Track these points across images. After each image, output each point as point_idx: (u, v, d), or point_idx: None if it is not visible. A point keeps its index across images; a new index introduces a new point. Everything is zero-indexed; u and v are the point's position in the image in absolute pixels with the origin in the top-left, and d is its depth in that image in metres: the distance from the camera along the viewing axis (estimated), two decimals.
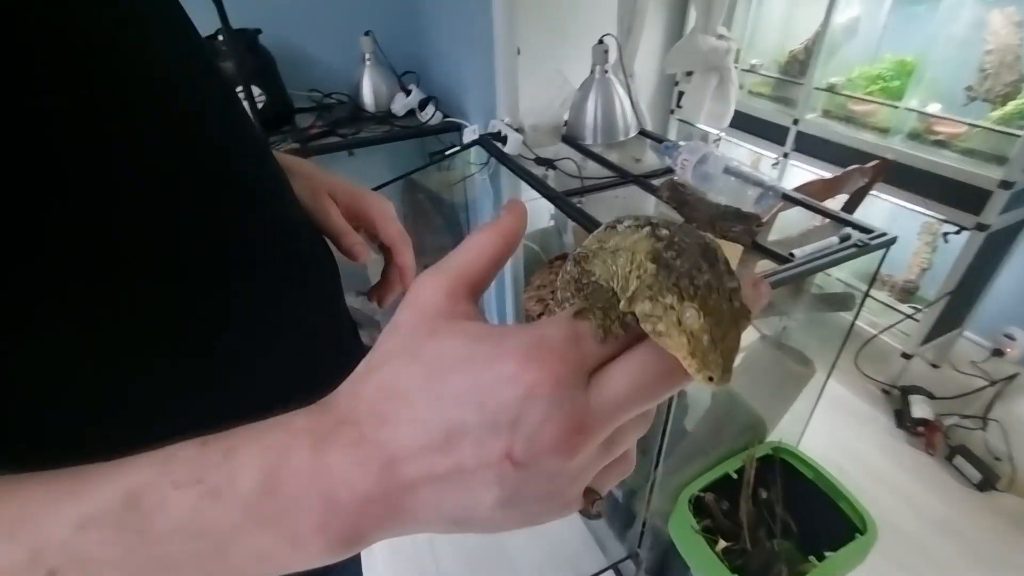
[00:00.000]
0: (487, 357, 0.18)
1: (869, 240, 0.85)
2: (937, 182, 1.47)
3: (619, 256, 0.19)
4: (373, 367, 0.20)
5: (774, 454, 1.08)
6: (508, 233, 0.22)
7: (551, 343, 0.18)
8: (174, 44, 0.29)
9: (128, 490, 0.17)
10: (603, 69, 1.28)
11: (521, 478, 0.18)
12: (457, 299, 0.21)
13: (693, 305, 0.17)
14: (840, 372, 1.77)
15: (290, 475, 0.18)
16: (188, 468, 0.18)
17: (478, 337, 0.19)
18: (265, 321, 0.33)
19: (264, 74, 1.45)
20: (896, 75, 1.64)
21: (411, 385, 0.18)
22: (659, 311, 0.17)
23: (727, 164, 1.02)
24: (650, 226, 0.19)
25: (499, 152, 1.30)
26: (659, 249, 0.18)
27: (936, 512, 1.39)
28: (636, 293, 0.18)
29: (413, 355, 0.19)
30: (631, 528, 1.20)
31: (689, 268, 0.17)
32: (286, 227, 0.36)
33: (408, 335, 0.20)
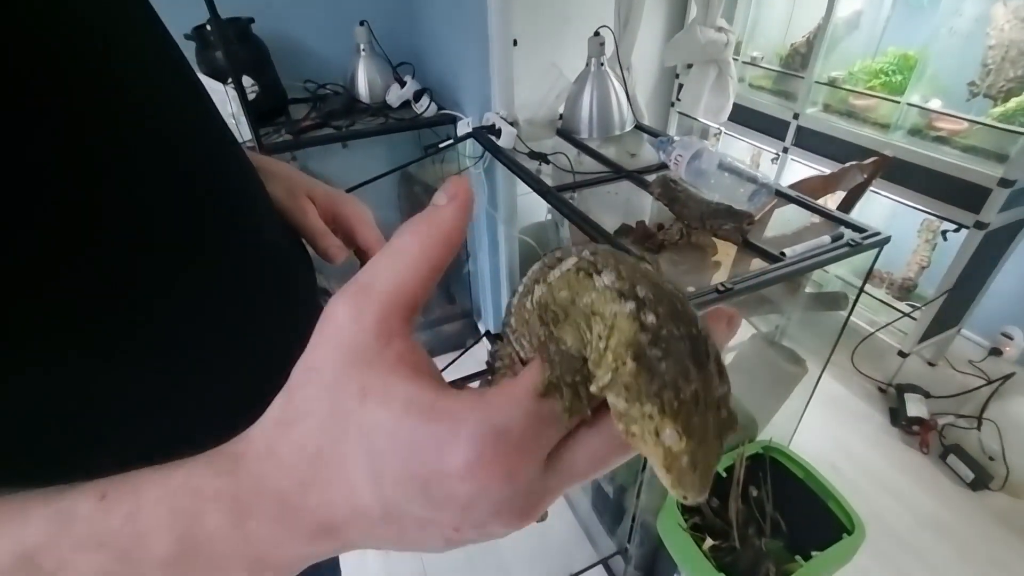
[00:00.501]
0: (435, 446, 0.16)
1: (862, 239, 0.84)
2: (937, 179, 1.45)
3: (595, 323, 0.17)
4: (289, 420, 0.17)
5: (764, 453, 1.08)
6: (450, 233, 0.18)
7: (510, 437, 0.16)
8: (139, 44, 0.28)
9: (23, 551, 0.16)
10: (599, 62, 1.26)
11: (462, 538, 0.18)
12: (390, 336, 0.17)
13: (676, 426, 0.15)
14: (836, 369, 1.76)
15: (209, 540, 0.17)
16: (88, 529, 0.17)
17: (420, 415, 0.16)
18: (239, 323, 0.32)
19: (257, 64, 1.43)
20: (898, 69, 1.62)
21: (342, 454, 0.17)
22: (635, 414, 0.15)
23: (721, 160, 1.01)
24: (635, 301, 0.16)
25: (493, 145, 1.29)
26: (643, 344, 0.15)
27: (928, 511, 1.39)
28: (610, 384, 0.16)
29: (340, 421, 0.17)
30: (621, 524, 1.20)
31: (675, 376, 0.15)
32: (258, 227, 0.35)
33: (332, 388, 0.17)
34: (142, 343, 0.25)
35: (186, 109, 0.31)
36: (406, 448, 0.16)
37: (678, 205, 0.91)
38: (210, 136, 0.33)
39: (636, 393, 0.15)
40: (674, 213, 0.92)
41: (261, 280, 0.35)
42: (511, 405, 0.16)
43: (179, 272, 0.28)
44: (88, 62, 0.22)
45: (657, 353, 0.15)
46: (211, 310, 0.31)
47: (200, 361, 0.29)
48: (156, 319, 0.26)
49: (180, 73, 0.31)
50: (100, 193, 0.22)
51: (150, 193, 0.26)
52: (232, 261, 0.32)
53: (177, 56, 0.31)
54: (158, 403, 0.27)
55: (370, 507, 0.17)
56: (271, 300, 0.36)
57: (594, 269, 0.17)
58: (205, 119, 0.33)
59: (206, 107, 0.33)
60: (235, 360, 0.32)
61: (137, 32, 0.29)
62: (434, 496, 0.16)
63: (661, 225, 0.90)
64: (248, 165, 0.37)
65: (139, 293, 0.26)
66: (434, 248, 0.18)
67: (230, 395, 0.30)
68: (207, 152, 0.32)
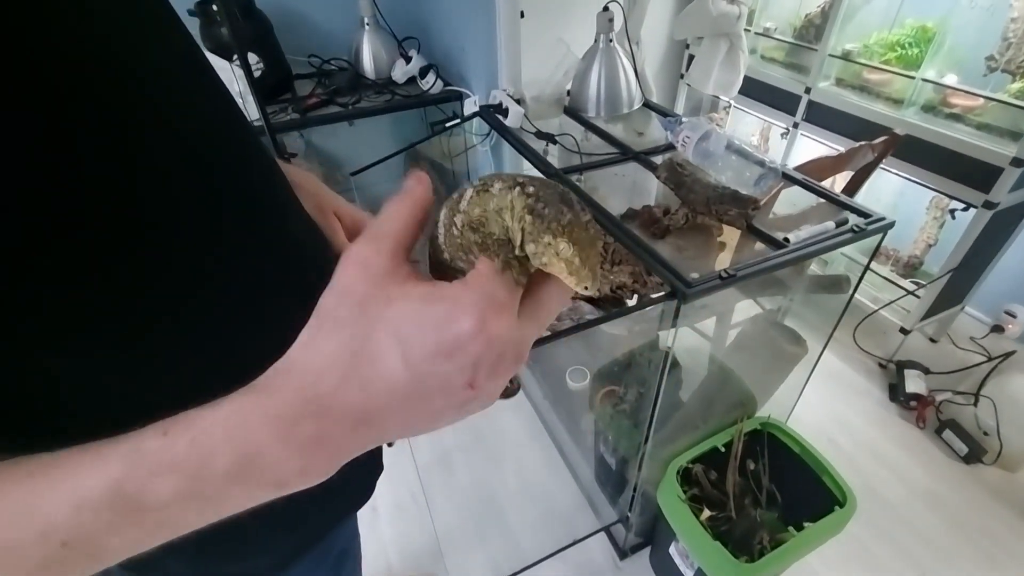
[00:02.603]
0: (449, 319, 0.22)
1: (866, 225, 0.85)
2: (948, 157, 1.44)
3: (503, 214, 0.24)
4: (323, 337, 0.22)
5: (762, 428, 1.11)
6: (422, 201, 0.25)
7: (495, 301, 0.23)
8: (176, 62, 0.30)
9: (108, 482, 0.20)
10: (607, 38, 1.24)
11: (475, 395, 0.23)
12: (399, 261, 0.23)
13: (564, 240, 0.22)
14: (838, 346, 1.79)
15: (260, 452, 0.21)
16: (159, 458, 0.20)
17: (433, 299, 0.22)
18: (274, 328, 0.34)
19: (261, 40, 1.42)
20: (915, 42, 1.58)
21: (375, 350, 0.21)
22: (542, 248, 0.23)
23: (729, 142, 1.00)
24: (519, 186, 0.23)
25: (500, 125, 1.28)
26: (531, 204, 0.23)
27: (921, 483, 1.43)
28: (523, 239, 0.23)
29: (372, 323, 0.22)
30: (623, 494, 1.25)
31: (555, 213, 0.22)
32: (292, 236, 0.37)
33: (362, 302, 0.22)
34: (165, 333, 0.28)
35: (203, 102, 0.32)
36: (428, 326, 0.22)
37: (684, 190, 0.91)
38: (258, 155, 0.35)
39: (537, 233, 0.23)
40: (680, 197, 0.93)
41: (283, 272, 0.37)
42: (489, 282, 0.23)
43: (199, 264, 0.31)
44: (109, 64, 0.24)
45: (540, 205, 0.23)
46: (230, 302, 0.33)
47: (219, 351, 0.31)
48: (176, 311, 0.28)
49: (195, 66, 0.32)
50: (133, 192, 0.25)
51: (174, 188, 0.28)
52: (254, 254, 0.35)
53: (189, 44, 0.32)
54: (176, 392, 0.30)
55: (403, 384, 0.22)
56: (291, 292, 0.38)
57: (487, 186, 0.24)
58: (249, 140, 0.35)
59: (245, 125, 0.35)
60: (254, 350, 0.34)
61: (151, 24, 0.31)
62: (454, 357, 0.22)
63: (667, 209, 0.91)
64: (270, 160, 0.38)
65: (161, 285, 0.28)
66: (416, 209, 0.25)
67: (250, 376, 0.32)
68: (226, 146, 0.33)
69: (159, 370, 0.28)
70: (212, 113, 0.32)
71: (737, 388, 1.15)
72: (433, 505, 1.43)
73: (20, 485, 0.19)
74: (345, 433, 0.22)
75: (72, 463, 0.20)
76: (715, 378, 1.21)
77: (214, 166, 0.31)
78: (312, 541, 0.47)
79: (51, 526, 0.19)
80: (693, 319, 1.21)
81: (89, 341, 0.25)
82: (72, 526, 0.19)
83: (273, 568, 0.45)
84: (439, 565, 1.31)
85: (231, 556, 0.41)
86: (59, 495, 0.19)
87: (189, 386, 0.29)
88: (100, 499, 0.19)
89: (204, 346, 0.30)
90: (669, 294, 0.79)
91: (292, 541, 0.45)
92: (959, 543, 1.30)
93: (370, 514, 1.42)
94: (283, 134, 1.43)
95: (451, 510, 1.42)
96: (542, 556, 1.30)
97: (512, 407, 1.70)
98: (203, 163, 0.29)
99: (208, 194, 0.29)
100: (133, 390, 0.28)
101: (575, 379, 1.55)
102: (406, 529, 1.38)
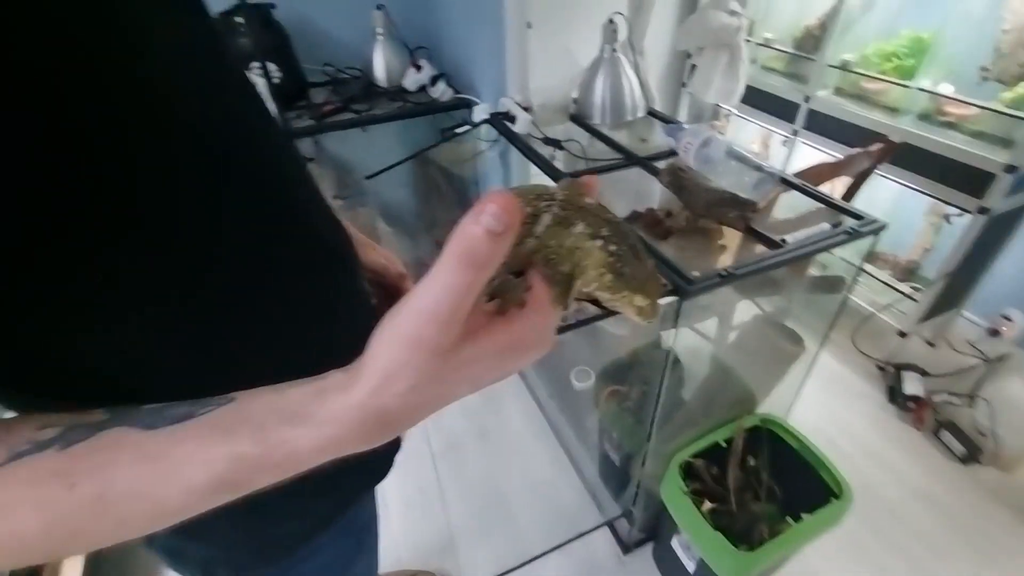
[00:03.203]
0: (515, 356, 0.26)
1: (859, 227, 0.89)
2: (943, 164, 1.48)
3: (575, 254, 0.27)
4: (405, 390, 0.23)
5: (762, 425, 1.15)
6: (492, 267, 0.21)
7: (551, 330, 0.27)
8: (221, 80, 0.34)
9: (214, 477, 0.24)
10: (612, 48, 1.29)
11: None
12: (458, 333, 0.23)
13: (642, 295, 0.27)
14: (838, 348, 1.82)
15: (345, 455, 0.25)
16: (259, 463, 0.24)
17: (504, 349, 0.25)
18: (299, 309, 0.39)
19: (279, 50, 1.48)
20: (911, 52, 1.62)
21: (455, 394, 0.25)
22: (617, 299, 0.28)
23: (729, 148, 1.05)
24: (602, 240, 0.27)
25: (508, 131, 1.33)
26: (612, 263, 0.27)
27: (919, 483, 1.46)
28: (598, 288, 0.27)
29: (453, 382, 0.24)
30: (626, 489, 1.28)
31: (633, 272, 0.27)
32: (316, 226, 0.42)
33: (438, 375, 0.23)
34: (192, 310, 0.31)
35: (228, 100, 0.35)
36: (500, 367, 0.26)
37: (685, 193, 0.96)
38: (289, 154, 0.39)
39: (616, 289, 0.27)
40: (681, 201, 0.97)
41: (304, 259, 0.40)
42: (547, 313, 0.26)
43: (263, 269, 0.35)
44: (129, 66, 0.26)
45: (620, 265, 0.27)
46: (285, 300, 0.37)
47: (240, 331, 0.35)
48: (202, 292, 0.32)
49: (223, 65, 0.35)
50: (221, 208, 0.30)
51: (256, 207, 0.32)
52: (302, 258, 0.39)
53: (221, 48, 0.35)
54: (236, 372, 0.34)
55: (462, 397, 0.26)
56: (330, 288, 0.43)
57: (568, 222, 0.27)
58: (279, 140, 0.39)
59: (277, 130, 0.40)
60: (273, 335, 0.38)
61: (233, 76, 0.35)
62: (514, 372, 0.27)
63: (669, 212, 0.96)
64: (311, 175, 0.43)
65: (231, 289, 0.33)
66: (480, 283, 0.22)
67: (269, 360, 0.36)
68: (291, 173, 0.38)
69: (190, 341, 0.32)
70: (234, 110, 0.35)
71: (738, 386, 1.19)
72: (441, 500, 1.47)
73: (133, 469, 0.24)
74: (412, 427, 0.26)
75: (174, 457, 0.24)
76: (716, 377, 1.24)
77: (232, 155, 0.33)
78: (341, 509, 0.51)
79: (164, 503, 0.24)
80: (695, 319, 1.24)
81: (119, 314, 0.28)
82: (181, 504, 0.24)
83: (306, 533, 0.49)
84: (448, 557, 1.34)
85: (271, 519, 0.45)
86: (169, 483, 0.24)
87: (219, 354, 0.34)
88: (208, 487, 0.24)
89: (224, 323, 0.34)
90: (671, 291, 0.83)
91: (324, 508, 0.49)
92: (957, 542, 1.33)
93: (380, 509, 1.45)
94: (299, 140, 1.48)
95: (458, 504, 1.46)
96: (546, 549, 1.34)
97: (518, 406, 1.74)
98: (220, 153, 0.32)
99: (227, 184, 0.32)
100: (164, 360, 0.31)
101: (580, 379, 1.58)
102: (415, 523, 1.42)
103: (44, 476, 0.23)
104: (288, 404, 0.25)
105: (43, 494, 0.23)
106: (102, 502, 0.23)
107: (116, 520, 0.24)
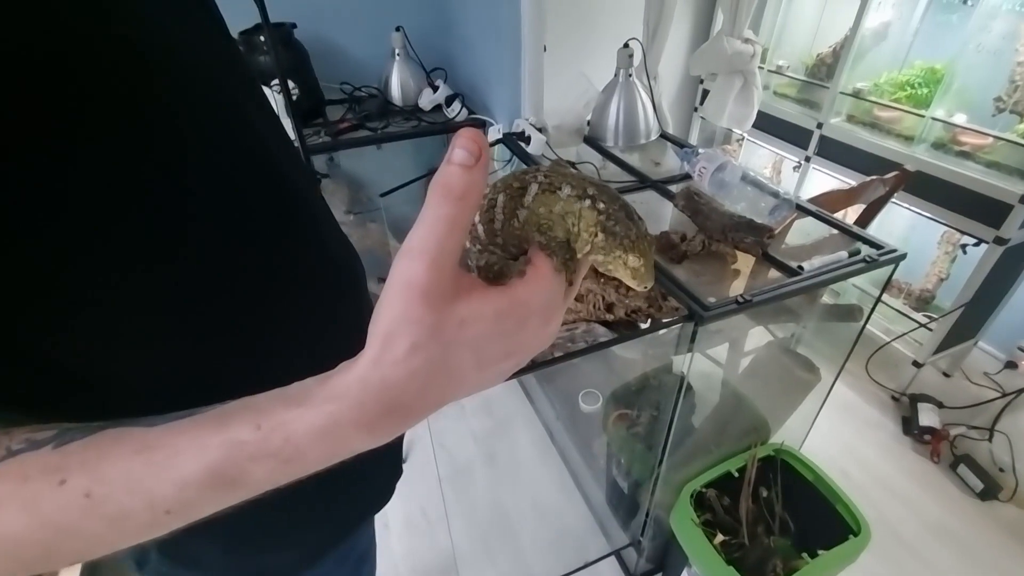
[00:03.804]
0: (519, 326, 0.25)
1: (878, 256, 0.88)
2: (959, 193, 1.47)
3: (567, 218, 0.26)
4: (402, 354, 0.22)
5: (776, 455, 1.12)
6: (471, 202, 0.22)
7: (557, 300, 0.26)
8: (247, 99, 0.35)
9: (208, 466, 0.22)
10: (627, 73, 1.31)
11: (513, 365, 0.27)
12: (457, 275, 0.23)
13: (634, 254, 0.26)
14: (850, 377, 1.79)
15: (351, 447, 0.23)
16: (255, 449, 0.22)
17: (506, 313, 0.24)
18: (304, 321, 0.39)
19: (299, 68, 1.50)
20: (924, 82, 1.63)
21: (453, 365, 0.23)
22: (611, 260, 0.27)
23: (744, 173, 1.05)
24: (589, 199, 0.26)
25: (522, 151, 1.34)
26: (603, 221, 0.26)
27: (936, 518, 1.42)
28: (591, 251, 0.26)
29: (450, 344, 0.23)
30: (635, 518, 1.25)
31: (625, 231, 0.26)
32: (325, 242, 0.42)
33: (435, 329, 0.22)
34: (195, 322, 0.31)
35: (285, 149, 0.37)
36: (502, 336, 0.24)
37: (701, 217, 0.95)
38: (301, 169, 0.39)
39: (608, 249, 0.26)
40: (697, 225, 0.96)
41: (313, 271, 0.41)
42: (550, 283, 0.26)
43: (273, 285, 0.35)
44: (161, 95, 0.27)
45: (611, 223, 0.25)
46: (291, 312, 0.37)
47: (244, 345, 0.35)
48: (206, 304, 0.32)
49: (239, 84, 0.36)
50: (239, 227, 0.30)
51: (270, 220, 0.32)
52: (311, 271, 0.39)
53: (240, 68, 0.36)
54: (241, 378, 0.34)
55: (472, 382, 0.25)
56: (338, 300, 0.43)
57: (555, 186, 0.26)
58: (294, 157, 0.40)
59: (293, 151, 0.40)
60: (278, 348, 0.38)
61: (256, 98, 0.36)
62: (518, 355, 0.26)
63: (684, 236, 0.95)
64: (319, 194, 0.44)
65: (237, 302, 0.32)
66: (464, 213, 0.22)
67: (272, 374, 0.36)
68: (302, 186, 0.38)
69: (191, 354, 0.32)
70: (246, 130, 0.36)
71: (750, 414, 1.17)
72: (444, 522, 1.44)
73: (128, 461, 0.23)
74: (419, 419, 0.25)
75: (171, 447, 0.23)
76: (728, 404, 1.22)
77: (272, 179, 0.35)
78: (337, 539, 0.50)
79: (157, 499, 0.22)
80: (706, 345, 1.23)
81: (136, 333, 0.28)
82: (175, 499, 0.23)
83: (301, 562, 0.47)
84: None
85: (263, 549, 0.44)
86: (164, 474, 0.22)
87: (221, 369, 0.34)
88: (202, 479, 0.22)
89: (227, 336, 0.34)
90: (687, 317, 0.82)
91: (319, 537, 0.48)
92: None
93: (382, 530, 1.42)
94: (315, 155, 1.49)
95: (462, 527, 1.43)
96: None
97: (525, 428, 1.72)
98: (263, 176, 0.33)
99: (268, 201, 0.34)
100: (165, 374, 0.31)
101: (588, 402, 1.56)
102: (417, 545, 1.39)
103: (34, 473, 0.22)
104: (292, 391, 0.24)
105: (31, 491, 0.22)
106: (91, 499, 0.22)
107: (107, 519, 0.22)
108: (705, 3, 1.93)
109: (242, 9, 1.14)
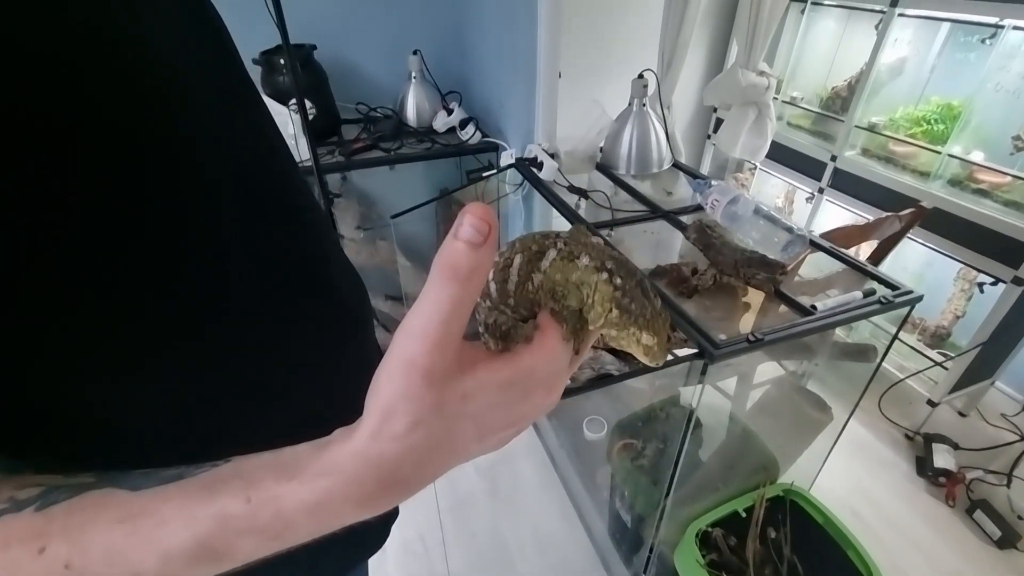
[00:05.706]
0: (524, 395, 0.24)
1: (893, 297, 0.86)
2: (976, 231, 1.45)
3: (583, 289, 0.26)
4: (402, 430, 0.21)
5: (785, 495, 1.09)
6: (477, 278, 0.21)
7: (562, 369, 0.26)
8: (250, 136, 0.35)
9: (195, 539, 0.21)
10: (641, 103, 1.31)
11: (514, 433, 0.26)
12: (460, 350, 0.22)
13: (648, 332, 0.26)
14: (863, 414, 1.75)
15: (342, 520, 0.23)
16: (244, 524, 0.21)
17: (509, 383, 0.24)
18: (315, 364, 0.38)
19: (317, 88, 1.53)
20: (941, 119, 1.62)
21: (455, 438, 0.23)
22: (624, 336, 0.26)
23: (757, 207, 1.04)
24: (607, 273, 0.25)
25: (534, 177, 1.34)
26: (619, 298, 0.25)
27: (951, 566, 1.36)
28: (604, 325, 0.26)
29: (450, 419, 0.22)
30: (638, 553, 1.22)
31: (640, 309, 0.25)
32: (338, 285, 0.41)
33: (437, 406, 0.21)
34: (198, 361, 0.31)
35: (290, 187, 0.37)
36: (506, 406, 0.24)
37: (712, 251, 0.94)
38: (309, 210, 0.39)
39: (622, 325, 0.26)
40: (708, 259, 0.95)
41: (336, 329, 0.40)
42: (557, 351, 0.25)
43: (281, 328, 0.34)
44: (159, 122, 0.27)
45: (627, 300, 0.25)
46: (302, 355, 0.36)
47: (246, 384, 0.34)
48: (209, 342, 0.31)
49: (245, 110, 0.36)
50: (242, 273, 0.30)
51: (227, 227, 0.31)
52: (318, 314, 0.38)
53: (246, 93, 0.36)
54: (246, 421, 0.33)
55: (472, 452, 0.24)
56: (343, 344, 0.42)
57: (573, 255, 0.26)
58: (301, 198, 0.39)
59: (300, 187, 0.39)
60: (281, 388, 0.37)
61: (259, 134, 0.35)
62: (520, 424, 0.25)
63: (695, 269, 0.94)
64: (331, 231, 0.43)
65: (247, 346, 0.32)
66: (468, 294, 0.21)
67: (273, 414, 0.35)
68: (312, 231, 0.38)
69: (194, 393, 0.31)
70: (251, 161, 0.35)
71: (759, 451, 1.14)
72: (442, 548, 1.41)
73: (112, 531, 0.22)
74: (416, 491, 0.23)
75: (158, 515, 0.22)
76: (736, 439, 1.19)
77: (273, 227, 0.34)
78: None
79: (141, 570, 0.21)
80: (716, 377, 1.21)
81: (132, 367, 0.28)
82: (157, 573, 0.22)
83: None
84: None
85: None
86: (148, 545, 0.21)
87: (228, 407, 0.33)
88: (188, 552, 0.21)
89: (237, 373, 0.33)
90: (697, 354, 0.80)
91: None
92: None
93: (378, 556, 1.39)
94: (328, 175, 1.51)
95: (459, 555, 1.40)
96: None
97: (527, 454, 1.69)
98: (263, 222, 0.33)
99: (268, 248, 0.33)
100: (167, 413, 0.30)
101: (592, 429, 1.54)
102: (413, 571, 1.36)
103: (13, 539, 0.21)
104: (284, 459, 0.23)
105: (10, 558, 0.21)
106: (71, 570, 0.21)
107: None
108: (720, 34, 1.94)
109: (264, 30, 1.17)
